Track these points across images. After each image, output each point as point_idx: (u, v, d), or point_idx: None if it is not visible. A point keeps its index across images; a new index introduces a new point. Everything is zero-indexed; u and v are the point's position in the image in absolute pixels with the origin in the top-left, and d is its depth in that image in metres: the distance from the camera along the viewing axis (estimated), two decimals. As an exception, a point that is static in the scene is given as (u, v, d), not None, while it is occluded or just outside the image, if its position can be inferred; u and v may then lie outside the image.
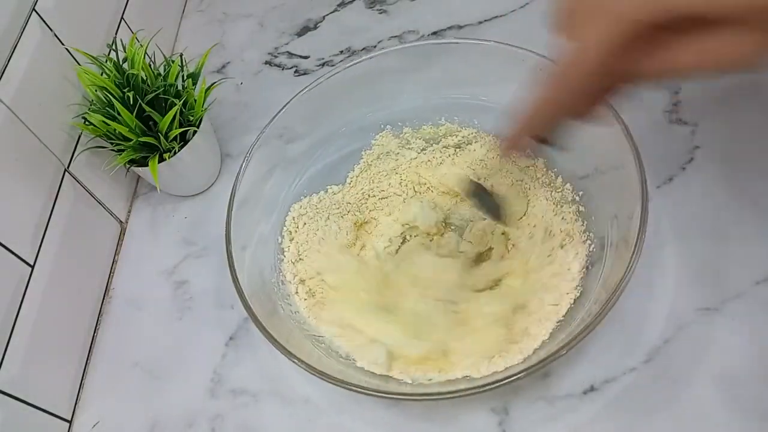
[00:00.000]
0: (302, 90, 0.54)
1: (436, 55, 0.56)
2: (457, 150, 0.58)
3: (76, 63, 0.58)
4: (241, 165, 0.51)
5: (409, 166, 0.58)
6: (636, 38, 0.29)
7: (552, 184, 0.53)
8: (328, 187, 0.58)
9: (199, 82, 0.59)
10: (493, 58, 0.53)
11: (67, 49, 0.56)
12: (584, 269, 0.47)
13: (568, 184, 0.52)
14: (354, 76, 0.55)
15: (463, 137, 0.58)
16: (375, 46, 0.71)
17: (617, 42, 0.29)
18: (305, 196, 0.56)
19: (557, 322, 0.45)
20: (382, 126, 0.59)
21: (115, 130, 0.54)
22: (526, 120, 0.36)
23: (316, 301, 0.51)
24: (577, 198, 0.51)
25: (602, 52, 0.30)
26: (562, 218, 0.51)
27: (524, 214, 0.53)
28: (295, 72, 0.71)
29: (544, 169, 0.53)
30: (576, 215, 0.50)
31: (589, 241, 0.48)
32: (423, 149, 0.58)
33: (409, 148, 0.59)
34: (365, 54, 0.55)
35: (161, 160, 0.56)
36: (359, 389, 0.40)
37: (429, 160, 0.58)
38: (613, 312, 0.47)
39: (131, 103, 0.54)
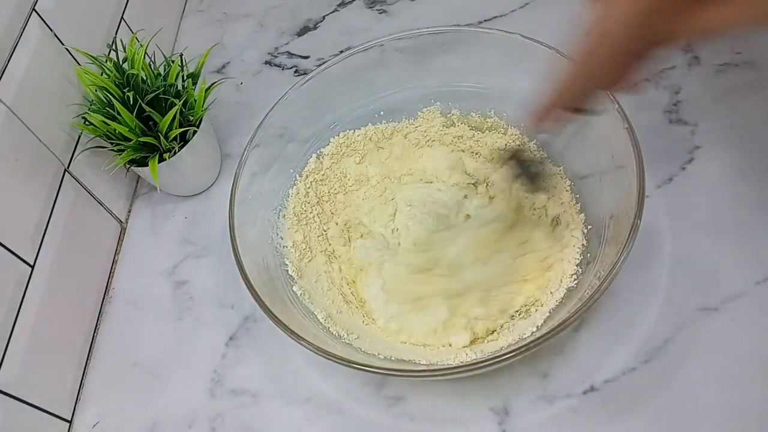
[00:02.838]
0: (297, 83, 0.55)
1: (436, 48, 0.56)
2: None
3: (76, 63, 0.58)
4: (242, 156, 0.52)
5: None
6: (668, 3, 0.29)
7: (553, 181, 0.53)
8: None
9: (199, 82, 0.59)
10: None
11: (67, 49, 0.56)
12: (578, 268, 0.47)
13: (568, 182, 0.52)
14: (349, 68, 0.56)
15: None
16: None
17: (648, 8, 0.29)
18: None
19: (544, 319, 0.45)
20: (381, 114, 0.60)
21: (115, 130, 0.54)
22: (558, 91, 0.36)
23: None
24: (576, 197, 0.51)
25: (633, 20, 0.30)
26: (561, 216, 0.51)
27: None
28: (295, 72, 0.71)
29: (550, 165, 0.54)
30: (574, 216, 0.50)
31: (585, 240, 0.48)
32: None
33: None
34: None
35: (161, 160, 0.56)
36: (373, 369, 0.41)
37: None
38: (613, 312, 0.47)
39: (131, 103, 0.54)
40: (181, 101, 0.56)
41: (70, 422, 0.51)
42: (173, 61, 0.58)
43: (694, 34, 0.31)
